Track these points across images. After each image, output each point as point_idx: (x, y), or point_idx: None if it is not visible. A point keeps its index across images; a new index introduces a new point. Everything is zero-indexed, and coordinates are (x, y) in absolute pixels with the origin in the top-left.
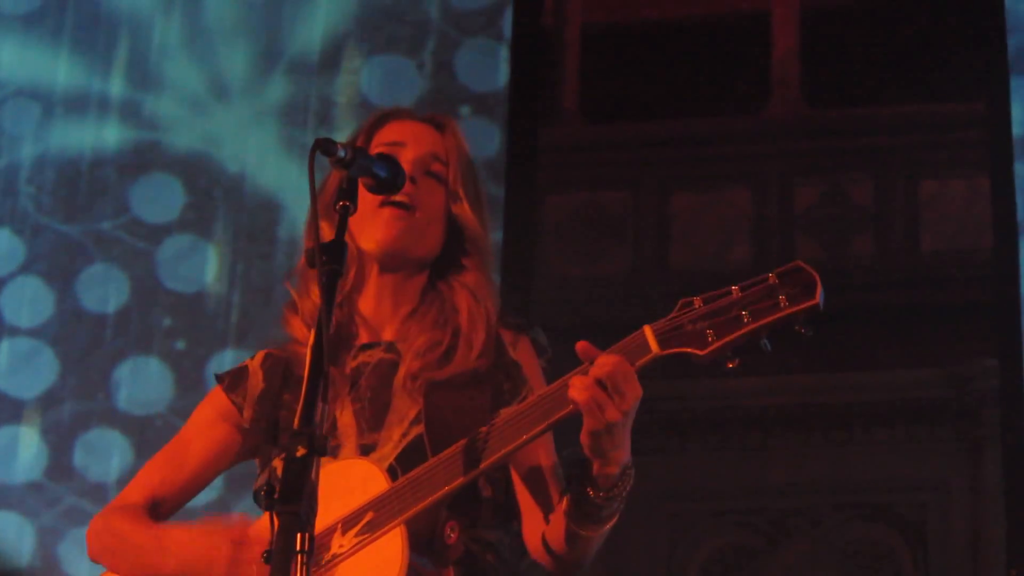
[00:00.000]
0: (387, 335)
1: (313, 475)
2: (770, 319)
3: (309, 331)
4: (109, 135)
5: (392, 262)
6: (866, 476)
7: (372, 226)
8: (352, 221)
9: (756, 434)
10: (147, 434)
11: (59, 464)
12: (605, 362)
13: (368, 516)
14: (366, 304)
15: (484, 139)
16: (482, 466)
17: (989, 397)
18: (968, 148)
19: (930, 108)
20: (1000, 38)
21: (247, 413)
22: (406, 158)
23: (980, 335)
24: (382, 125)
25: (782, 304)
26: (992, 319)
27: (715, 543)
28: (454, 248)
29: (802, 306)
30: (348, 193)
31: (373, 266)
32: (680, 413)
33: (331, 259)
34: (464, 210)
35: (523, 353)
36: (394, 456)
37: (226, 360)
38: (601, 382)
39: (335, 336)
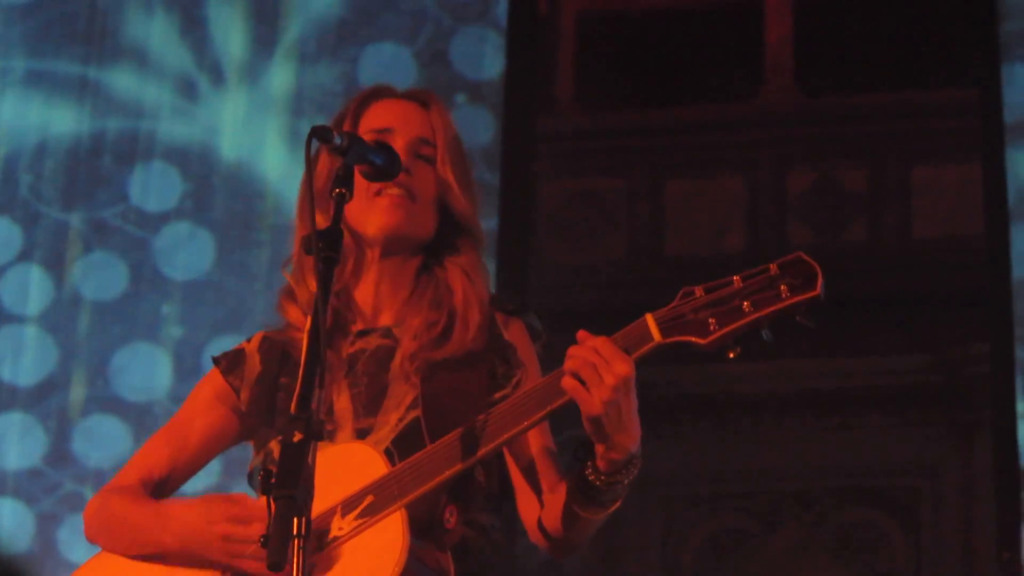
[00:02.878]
0: (385, 320)
1: (310, 460)
2: (771, 309)
3: (306, 318)
4: (108, 123)
5: (395, 246)
6: (859, 460)
7: (373, 213)
8: (348, 209)
9: (749, 419)
10: (146, 421)
11: (58, 451)
12: (574, 352)
13: (368, 499)
14: (365, 290)
15: (479, 127)
16: (481, 453)
17: (980, 382)
18: (960, 135)
19: (923, 95)
20: (992, 25)
21: (244, 395)
22: (397, 146)
23: (972, 321)
24: (367, 107)
25: (783, 294)
26: (983, 305)
27: (709, 527)
28: (447, 228)
29: (803, 297)
30: (344, 180)
31: (375, 252)
32: (673, 398)
33: (327, 246)
34: (454, 191)
35: (516, 335)
36: (390, 439)
37: (224, 347)
38: (575, 373)
39: (331, 323)
